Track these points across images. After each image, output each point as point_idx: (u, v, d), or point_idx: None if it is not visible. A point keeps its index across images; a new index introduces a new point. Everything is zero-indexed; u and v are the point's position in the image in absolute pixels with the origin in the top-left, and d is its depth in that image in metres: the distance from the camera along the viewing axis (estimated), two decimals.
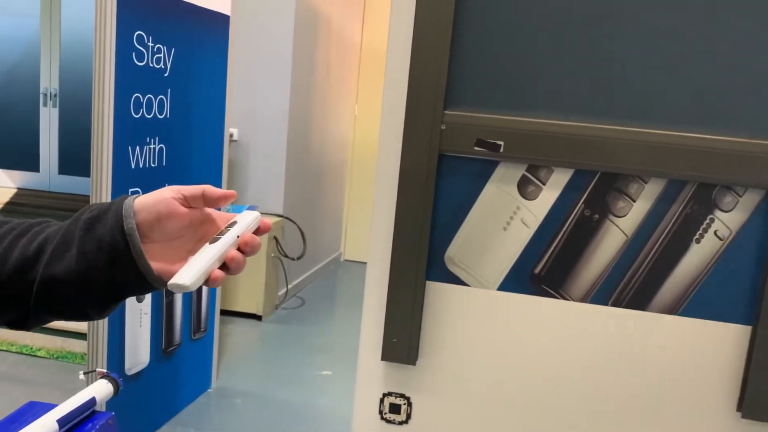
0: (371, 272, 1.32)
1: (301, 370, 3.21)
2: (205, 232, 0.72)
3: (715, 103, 1.17)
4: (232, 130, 3.89)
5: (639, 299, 1.24)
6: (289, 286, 4.16)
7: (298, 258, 4.07)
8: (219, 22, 2.66)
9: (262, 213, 0.74)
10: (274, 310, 4.02)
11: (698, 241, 1.21)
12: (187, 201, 0.70)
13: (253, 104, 3.95)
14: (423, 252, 1.27)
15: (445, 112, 1.24)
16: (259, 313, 3.81)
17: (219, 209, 0.76)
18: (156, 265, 0.68)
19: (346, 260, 5.42)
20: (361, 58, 5.25)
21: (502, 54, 1.22)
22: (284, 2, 3.88)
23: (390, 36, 1.27)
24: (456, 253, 1.29)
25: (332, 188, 5.06)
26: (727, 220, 1.20)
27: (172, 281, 0.66)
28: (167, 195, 0.69)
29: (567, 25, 1.20)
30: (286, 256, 3.97)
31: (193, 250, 0.69)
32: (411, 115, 1.25)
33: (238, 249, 0.70)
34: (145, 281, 0.68)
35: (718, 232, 1.21)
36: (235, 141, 3.98)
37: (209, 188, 0.71)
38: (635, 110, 1.19)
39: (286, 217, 4.02)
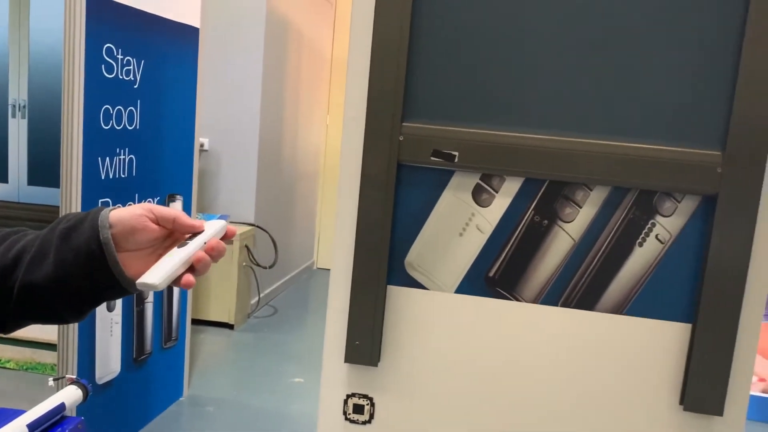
0: (335, 278, 1.37)
1: (273, 378, 3.24)
2: (174, 239, 0.77)
3: (655, 115, 1.25)
4: (202, 139, 3.92)
5: (587, 300, 1.31)
6: (261, 295, 4.18)
7: (270, 267, 4.10)
8: (188, 34, 2.70)
9: (233, 222, 0.80)
10: (246, 318, 4.04)
11: (641, 245, 1.29)
12: (158, 220, 0.75)
13: (224, 114, 3.98)
14: (384, 257, 1.33)
15: (403, 124, 1.31)
16: (231, 321, 3.83)
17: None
18: (129, 271, 0.73)
19: (319, 268, 5.46)
20: (332, 69, 5.31)
21: (455, 69, 1.29)
22: (254, 14, 3.93)
23: (350, 52, 1.33)
24: (415, 258, 1.35)
25: (304, 197, 5.10)
26: (667, 225, 1.28)
27: (140, 280, 0.71)
28: (140, 212, 0.74)
29: (516, 42, 1.27)
30: (257, 264, 4.00)
31: (163, 255, 0.75)
32: (371, 127, 1.31)
33: (205, 252, 0.76)
34: (119, 286, 0.73)
35: (659, 236, 1.28)
36: (206, 150, 4.01)
37: (180, 217, 0.76)
38: (581, 122, 1.27)
39: (258, 226, 4.05)
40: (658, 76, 1.24)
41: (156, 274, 0.71)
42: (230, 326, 3.84)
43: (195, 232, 0.76)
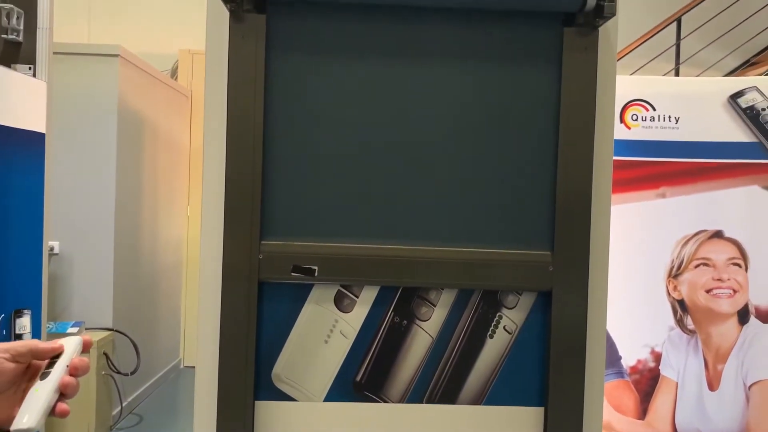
0: (200, 397, 1.35)
1: None
2: (34, 372, 0.75)
3: (493, 223, 1.38)
4: (52, 243, 3.70)
5: (449, 394, 1.38)
6: (124, 404, 3.91)
7: (132, 373, 3.86)
8: (33, 139, 2.59)
9: (88, 328, 0.80)
10: None
11: (491, 336, 1.39)
12: (14, 358, 0.73)
13: (77, 215, 3.80)
14: (250, 373, 1.32)
15: (262, 242, 1.34)
16: None
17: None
18: None
19: (187, 366, 5.20)
20: (191, 158, 5.26)
21: (309, 189, 1.36)
22: (105, 114, 3.84)
23: (204, 178, 1.37)
24: (282, 370, 1.36)
25: (167, 291, 4.90)
26: (513, 316, 1.40)
27: (14, 427, 0.68)
28: None
29: (364, 161, 1.36)
30: (118, 372, 3.75)
31: (27, 389, 0.72)
32: (229, 248, 1.33)
33: (70, 374, 0.74)
34: None
35: (506, 327, 1.40)
36: (56, 254, 3.78)
37: (36, 347, 0.74)
38: (429, 232, 1.37)
39: (117, 330, 3.83)
40: (492, 190, 1.38)
41: (29, 417, 0.69)
42: None
43: (55, 356, 0.75)
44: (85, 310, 3.79)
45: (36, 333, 2.62)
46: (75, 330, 3.53)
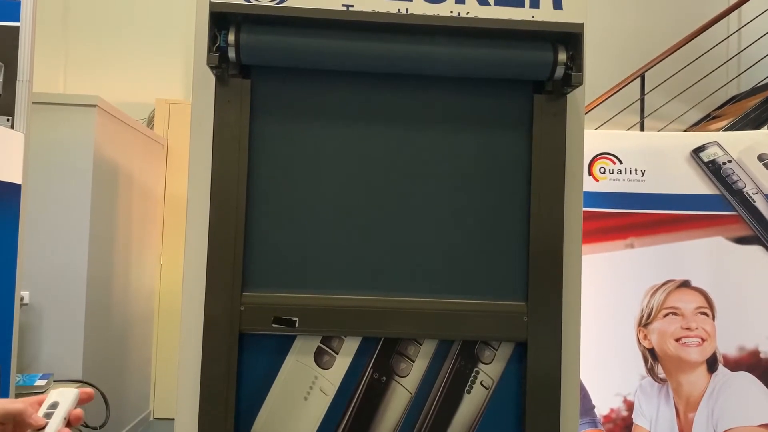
0: None
1: None
2: (20, 423, 0.75)
3: (470, 275, 1.42)
4: (23, 293, 3.64)
5: None
6: None
7: (101, 426, 3.76)
8: (8, 191, 2.58)
9: (57, 380, 0.81)
10: None
11: (469, 392, 1.42)
12: None
13: (48, 265, 3.75)
14: (229, 431, 1.33)
15: (243, 294, 1.36)
16: None
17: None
18: None
19: (156, 419, 5.08)
20: (165, 207, 5.25)
21: (290, 242, 1.39)
22: (81, 163, 3.83)
23: (187, 228, 1.39)
24: (262, 427, 1.37)
25: (138, 341, 4.83)
26: (489, 371, 1.43)
27: None
28: None
29: (337, 218, 1.40)
30: (86, 425, 3.66)
31: None
32: (210, 299, 1.35)
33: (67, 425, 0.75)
34: None
35: (483, 382, 1.42)
36: (26, 304, 3.71)
37: (23, 414, 0.74)
38: (409, 283, 1.41)
39: (86, 382, 3.74)
40: (469, 243, 1.43)
41: None
42: None
43: (48, 405, 0.76)
44: (54, 362, 3.71)
45: (5, 387, 2.56)
46: (44, 382, 3.45)
